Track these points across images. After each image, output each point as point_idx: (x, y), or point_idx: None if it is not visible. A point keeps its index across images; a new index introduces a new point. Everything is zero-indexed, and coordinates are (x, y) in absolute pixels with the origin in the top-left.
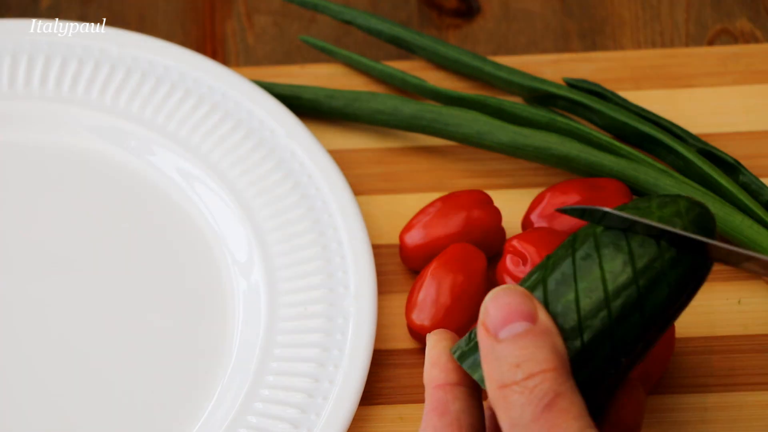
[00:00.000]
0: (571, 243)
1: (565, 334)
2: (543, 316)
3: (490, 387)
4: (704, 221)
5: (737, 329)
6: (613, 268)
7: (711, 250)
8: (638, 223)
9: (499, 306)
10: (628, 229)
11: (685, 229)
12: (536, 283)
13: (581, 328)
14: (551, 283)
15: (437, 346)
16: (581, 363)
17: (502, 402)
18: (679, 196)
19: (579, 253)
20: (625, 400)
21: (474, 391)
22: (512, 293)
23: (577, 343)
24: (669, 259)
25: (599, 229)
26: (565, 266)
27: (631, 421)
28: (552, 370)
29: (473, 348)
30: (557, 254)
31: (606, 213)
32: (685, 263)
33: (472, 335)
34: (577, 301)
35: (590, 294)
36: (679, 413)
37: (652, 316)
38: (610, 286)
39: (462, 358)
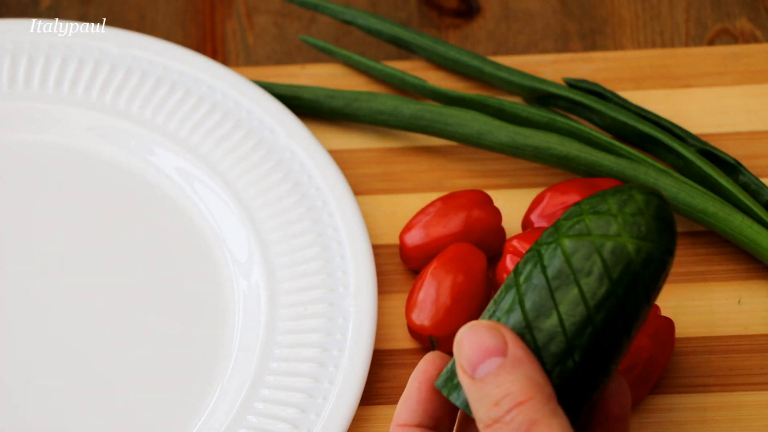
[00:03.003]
0: (538, 257)
1: (556, 358)
2: (513, 346)
3: (479, 427)
4: (664, 212)
5: (737, 329)
6: (590, 283)
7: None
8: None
9: (469, 345)
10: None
11: (648, 225)
12: (512, 305)
13: (571, 348)
14: (530, 311)
15: (416, 378)
16: (575, 380)
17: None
18: (631, 187)
19: (550, 271)
20: (609, 393)
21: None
22: (479, 330)
23: (570, 363)
24: (641, 261)
25: (565, 240)
26: (540, 288)
27: (618, 413)
28: (527, 401)
29: (456, 383)
30: (527, 270)
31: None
32: (655, 259)
33: (453, 366)
34: (561, 324)
35: (573, 314)
36: (679, 413)
37: (632, 317)
38: (591, 303)
39: (448, 392)
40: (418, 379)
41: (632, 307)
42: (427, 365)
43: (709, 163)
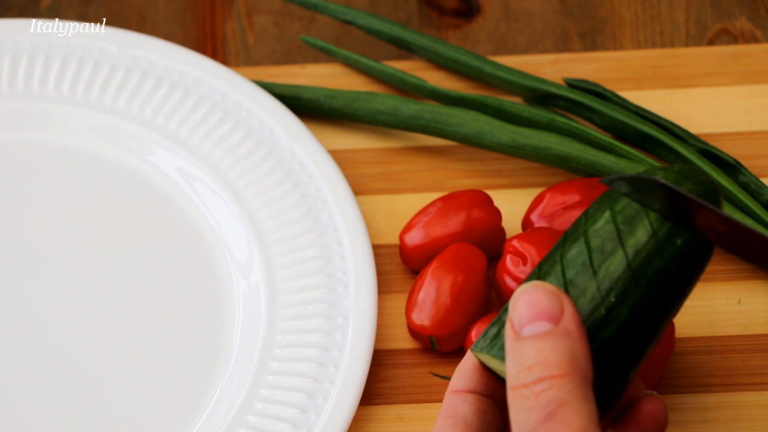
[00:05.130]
0: (609, 201)
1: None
2: (567, 318)
3: (507, 385)
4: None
5: (737, 329)
6: (637, 237)
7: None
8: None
9: (526, 303)
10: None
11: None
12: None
13: (629, 287)
14: (595, 251)
15: (469, 357)
16: (606, 323)
17: (512, 403)
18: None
19: (620, 218)
20: (646, 414)
21: (490, 400)
22: (540, 290)
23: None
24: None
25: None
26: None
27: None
28: (561, 376)
29: (489, 342)
30: (596, 217)
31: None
32: (696, 255)
33: (489, 330)
34: (627, 260)
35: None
36: (679, 413)
37: (671, 298)
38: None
39: (481, 349)
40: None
41: (656, 262)
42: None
43: (709, 163)
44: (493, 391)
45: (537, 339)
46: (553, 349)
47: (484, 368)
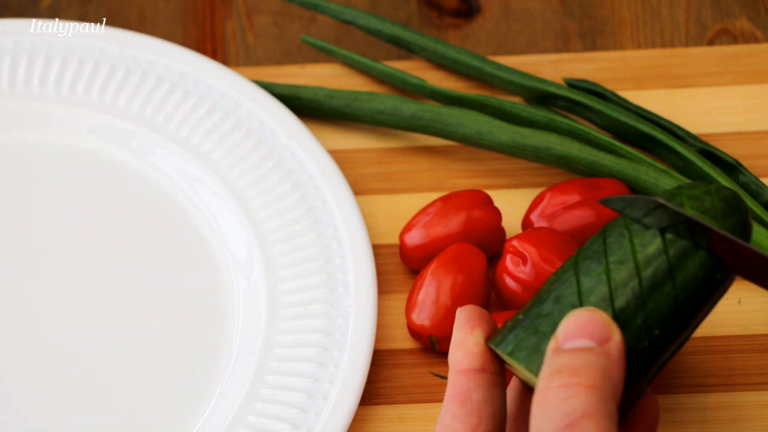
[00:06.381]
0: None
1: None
2: (613, 345)
3: (535, 390)
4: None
5: (737, 329)
6: (644, 242)
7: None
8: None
9: (576, 323)
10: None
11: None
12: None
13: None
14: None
15: (464, 326)
16: (645, 351)
17: (535, 406)
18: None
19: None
20: (641, 412)
21: (498, 378)
22: (594, 316)
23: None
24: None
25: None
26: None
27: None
28: (588, 386)
29: (513, 336)
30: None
31: (660, 204)
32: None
33: (514, 323)
34: (608, 272)
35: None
36: (679, 413)
37: (695, 308)
38: (640, 257)
39: (502, 345)
40: (465, 325)
41: (685, 277)
42: (469, 313)
43: (709, 163)
44: (499, 369)
45: (576, 350)
46: (587, 361)
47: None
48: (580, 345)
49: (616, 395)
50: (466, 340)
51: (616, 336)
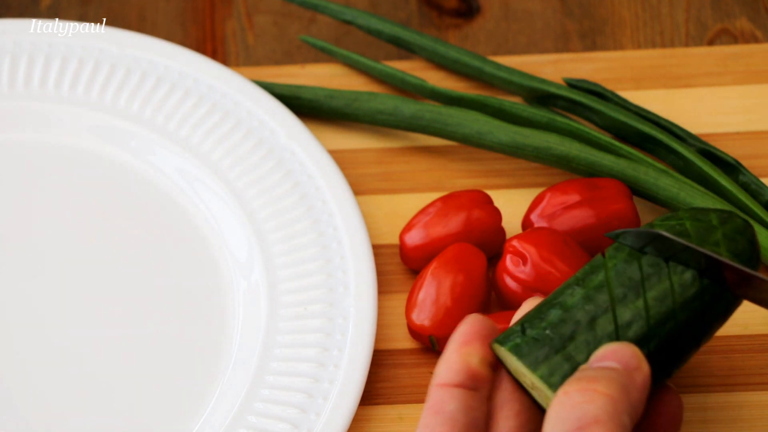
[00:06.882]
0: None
1: (634, 342)
2: (638, 372)
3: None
4: (755, 241)
5: (737, 329)
6: (682, 281)
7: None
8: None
9: (611, 350)
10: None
11: (744, 247)
12: (601, 283)
13: (649, 337)
14: (617, 290)
15: (456, 341)
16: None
17: (549, 411)
18: (727, 210)
19: (645, 260)
20: (663, 408)
21: (476, 393)
22: (627, 348)
23: (644, 351)
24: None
25: (641, 259)
26: (632, 272)
27: (670, 429)
28: (604, 394)
29: (543, 357)
30: (620, 256)
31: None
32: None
33: (517, 327)
34: (646, 309)
35: (659, 305)
36: None
37: (708, 326)
38: (678, 299)
39: (514, 348)
40: (458, 340)
41: (711, 317)
42: (467, 327)
43: (709, 163)
44: (479, 384)
45: (601, 367)
46: (609, 375)
47: (473, 364)
48: (606, 365)
49: (632, 414)
50: (452, 356)
51: (644, 368)
